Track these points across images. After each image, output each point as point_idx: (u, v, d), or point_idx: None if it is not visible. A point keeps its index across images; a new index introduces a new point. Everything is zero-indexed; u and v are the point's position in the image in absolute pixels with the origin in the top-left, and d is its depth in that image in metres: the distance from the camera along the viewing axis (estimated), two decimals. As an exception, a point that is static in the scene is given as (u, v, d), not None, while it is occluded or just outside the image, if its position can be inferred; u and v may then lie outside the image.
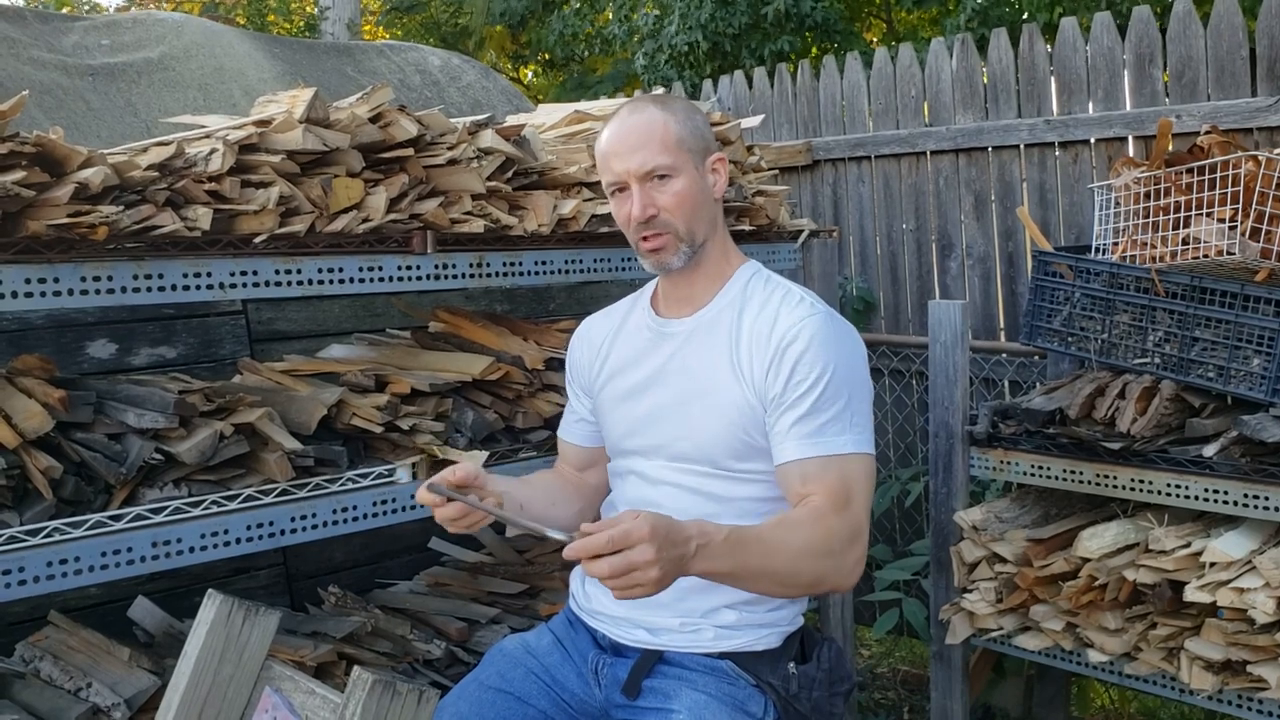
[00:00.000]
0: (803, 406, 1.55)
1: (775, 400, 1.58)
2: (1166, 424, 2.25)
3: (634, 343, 1.76)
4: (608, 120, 1.69)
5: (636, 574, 1.22)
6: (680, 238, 1.64)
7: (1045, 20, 5.37)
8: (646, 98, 1.71)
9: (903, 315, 3.69)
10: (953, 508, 2.56)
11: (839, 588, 1.52)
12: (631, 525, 1.23)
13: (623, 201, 1.65)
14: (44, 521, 1.59)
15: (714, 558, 1.32)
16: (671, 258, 1.65)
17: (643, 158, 1.61)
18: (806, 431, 1.55)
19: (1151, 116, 2.98)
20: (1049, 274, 2.57)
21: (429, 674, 2.16)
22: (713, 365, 1.64)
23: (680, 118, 1.65)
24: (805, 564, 1.44)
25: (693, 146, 1.64)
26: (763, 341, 1.61)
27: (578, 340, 1.88)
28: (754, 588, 1.45)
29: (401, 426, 1.96)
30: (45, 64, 2.68)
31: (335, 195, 1.77)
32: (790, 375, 1.57)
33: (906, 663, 3.58)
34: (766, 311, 1.64)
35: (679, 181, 1.63)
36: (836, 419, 1.55)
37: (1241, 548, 2.08)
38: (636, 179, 1.62)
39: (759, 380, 1.60)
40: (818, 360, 1.57)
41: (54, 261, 1.53)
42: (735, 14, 6.28)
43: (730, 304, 1.68)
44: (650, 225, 1.63)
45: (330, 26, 8.92)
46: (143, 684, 1.81)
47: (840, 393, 1.56)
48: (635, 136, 1.62)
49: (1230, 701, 2.13)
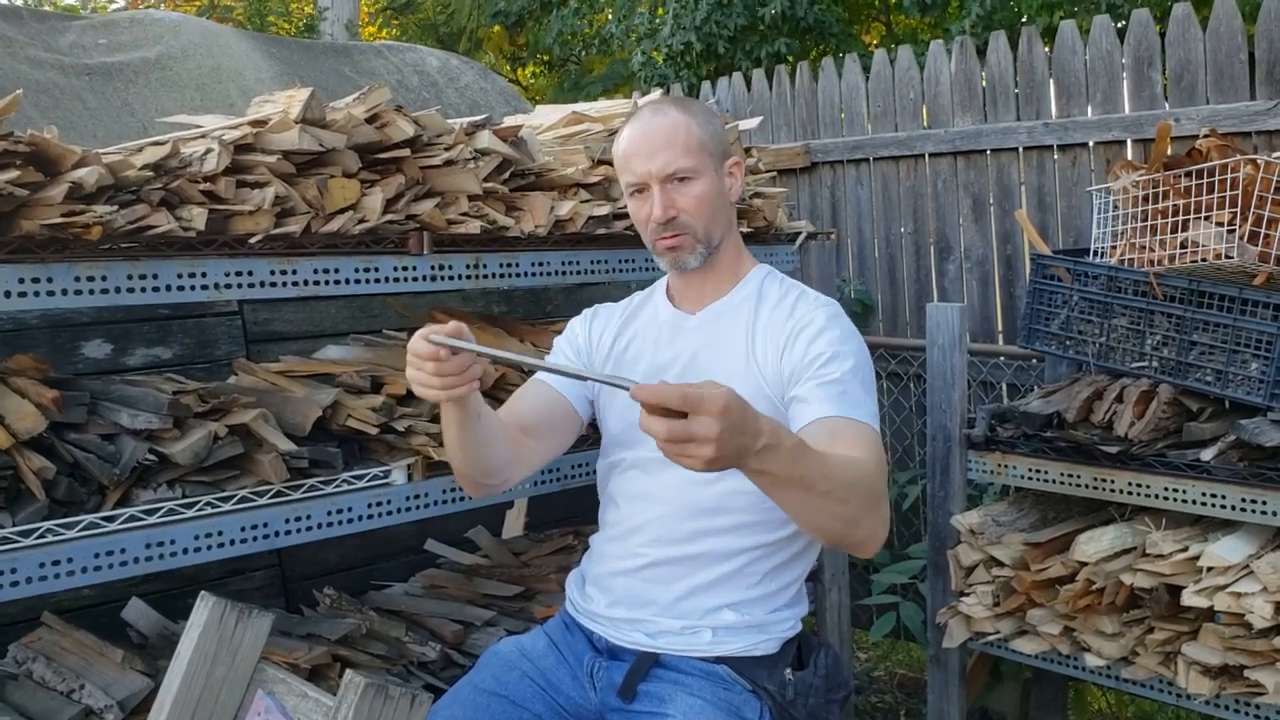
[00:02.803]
0: (828, 374, 1.56)
1: (794, 373, 1.59)
2: (1164, 428, 2.25)
3: (649, 332, 1.78)
4: (628, 120, 1.71)
5: (691, 445, 1.13)
6: (698, 239, 1.67)
7: (1044, 23, 5.37)
8: (667, 101, 1.72)
9: (900, 318, 3.69)
10: (950, 511, 2.56)
11: (869, 540, 1.41)
12: (709, 392, 1.13)
13: (642, 202, 1.67)
14: (37, 522, 1.58)
15: (776, 460, 1.23)
16: (688, 256, 1.68)
17: (665, 159, 1.63)
18: (833, 394, 1.54)
19: (1150, 120, 2.98)
20: (1047, 277, 2.57)
21: (424, 676, 2.15)
22: (726, 359, 1.66)
23: (701, 121, 1.67)
24: (856, 497, 1.35)
25: (713, 150, 1.67)
26: (777, 330, 1.64)
27: (584, 323, 1.86)
28: (797, 504, 1.33)
29: (397, 428, 1.96)
30: (42, 63, 2.67)
31: (331, 196, 1.77)
32: (808, 350, 1.59)
33: (903, 666, 3.57)
34: (783, 306, 1.68)
35: (700, 184, 1.65)
36: (856, 392, 1.56)
37: (1239, 552, 2.08)
38: (658, 180, 1.64)
39: (771, 366, 1.62)
40: (835, 340, 1.60)
41: (48, 261, 1.52)
42: (731, 16, 6.28)
43: (746, 299, 1.71)
44: (670, 226, 1.65)
45: (329, 27, 8.91)
46: (136, 686, 1.80)
47: (857, 373, 1.58)
48: (659, 137, 1.64)
49: (1227, 706, 2.12)
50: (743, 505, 1.62)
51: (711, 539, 1.64)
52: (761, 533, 1.65)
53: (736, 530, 1.64)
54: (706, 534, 1.64)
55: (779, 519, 1.64)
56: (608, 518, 1.77)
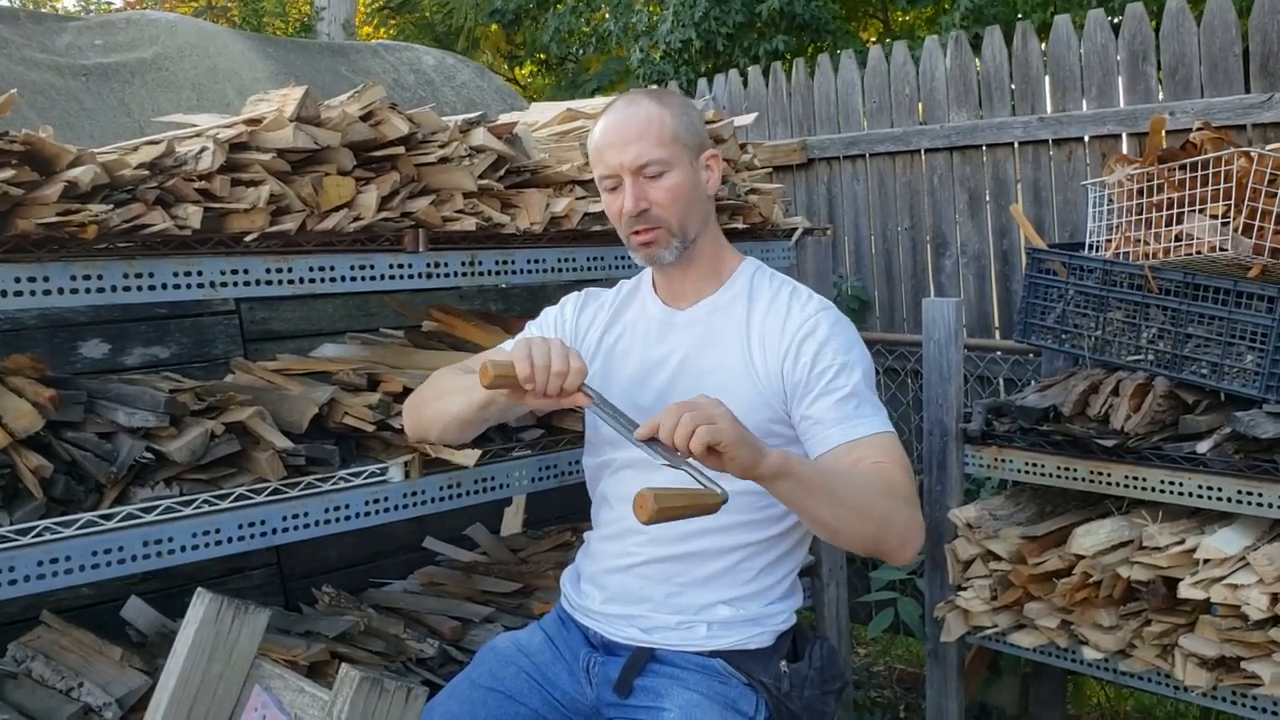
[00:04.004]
0: (838, 389, 1.57)
1: (801, 388, 1.59)
2: (1160, 421, 2.25)
3: (638, 327, 1.75)
4: (601, 113, 1.68)
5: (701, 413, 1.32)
6: (672, 232, 1.64)
7: (1039, 18, 5.37)
8: (642, 91, 1.69)
9: (897, 313, 3.69)
10: (947, 505, 2.56)
11: (903, 546, 1.48)
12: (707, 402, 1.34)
13: (615, 195, 1.64)
14: (34, 521, 1.58)
15: (790, 469, 1.38)
16: (663, 251, 1.65)
17: (637, 151, 1.60)
18: (848, 413, 1.56)
19: (1145, 114, 2.98)
20: (1043, 271, 2.57)
21: (422, 673, 2.16)
22: (722, 360, 1.64)
23: (676, 112, 1.64)
24: (880, 507, 1.45)
25: (688, 142, 1.64)
26: (775, 335, 1.63)
27: (573, 308, 1.82)
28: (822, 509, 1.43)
29: (394, 425, 1.96)
30: (38, 64, 2.68)
31: (326, 193, 1.77)
32: (813, 363, 1.59)
33: (902, 661, 3.58)
34: (776, 306, 1.66)
35: (672, 176, 1.62)
36: (868, 402, 1.58)
37: (1235, 544, 2.08)
38: (630, 172, 1.61)
39: (774, 374, 1.61)
40: (840, 350, 1.59)
41: (43, 260, 1.53)
42: (730, 12, 6.28)
43: (738, 296, 1.69)
44: (642, 219, 1.62)
45: (326, 27, 8.91)
46: (134, 683, 1.81)
47: (867, 380, 1.60)
48: (631, 129, 1.61)
49: (1224, 698, 2.13)
50: (737, 505, 1.61)
51: (705, 538, 1.64)
52: (755, 530, 1.65)
53: (730, 529, 1.63)
54: (700, 533, 1.63)
55: (772, 517, 1.65)
56: (601, 517, 1.77)
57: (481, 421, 1.69)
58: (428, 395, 1.73)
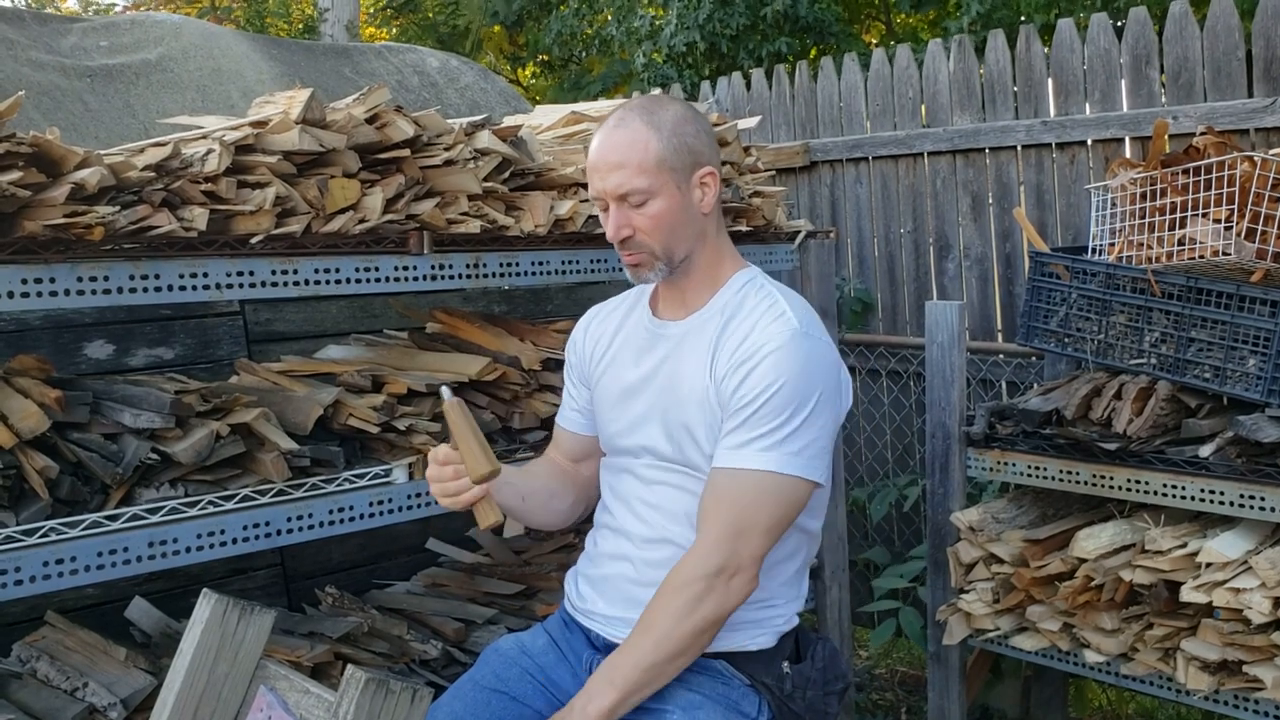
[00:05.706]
0: (739, 418, 1.55)
1: (727, 409, 1.58)
2: (1163, 424, 2.25)
3: (633, 342, 1.75)
4: (598, 127, 1.66)
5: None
6: (657, 256, 1.61)
7: (1042, 21, 5.38)
8: (635, 109, 1.61)
9: (900, 316, 3.70)
10: (950, 508, 2.57)
11: (726, 612, 1.55)
12: None
13: (606, 215, 1.63)
14: (40, 521, 1.59)
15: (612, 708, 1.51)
16: (648, 273, 1.64)
17: (619, 179, 1.57)
18: (733, 444, 1.55)
19: (1148, 117, 2.99)
20: (1046, 275, 2.57)
21: (426, 674, 2.16)
22: (693, 372, 1.63)
23: (665, 133, 1.57)
24: (684, 624, 1.52)
25: (676, 164, 1.58)
26: (728, 353, 1.59)
27: (581, 332, 1.85)
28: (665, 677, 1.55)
29: (398, 427, 1.96)
30: (43, 65, 2.68)
31: (332, 196, 1.78)
32: (739, 387, 1.56)
33: (904, 664, 3.58)
34: (746, 323, 1.61)
35: (656, 204, 1.58)
36: (768, 436, 1.53)
37: (1237, 548, 2.09)
38: (613, 199, 1.59)
39: (722, 390, 1.59)
40: (768, 375, 1.54)
41: (50, 262, 1.53)
42: (733, 14, 6.29)
43: (719, 311, 1.65)
44: (625, 246, 1.61)
45: (329, 28, 8.91)
46: (139, 684, 1.81)
47: (781, 411, 1.53)
48: (614, 155, 1.57)
49: (1226, 702, 2.13)
50: None
51: None
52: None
53: None
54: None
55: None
56: (603, 519, 1.78)
57: (535, 494, 1.80)
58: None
